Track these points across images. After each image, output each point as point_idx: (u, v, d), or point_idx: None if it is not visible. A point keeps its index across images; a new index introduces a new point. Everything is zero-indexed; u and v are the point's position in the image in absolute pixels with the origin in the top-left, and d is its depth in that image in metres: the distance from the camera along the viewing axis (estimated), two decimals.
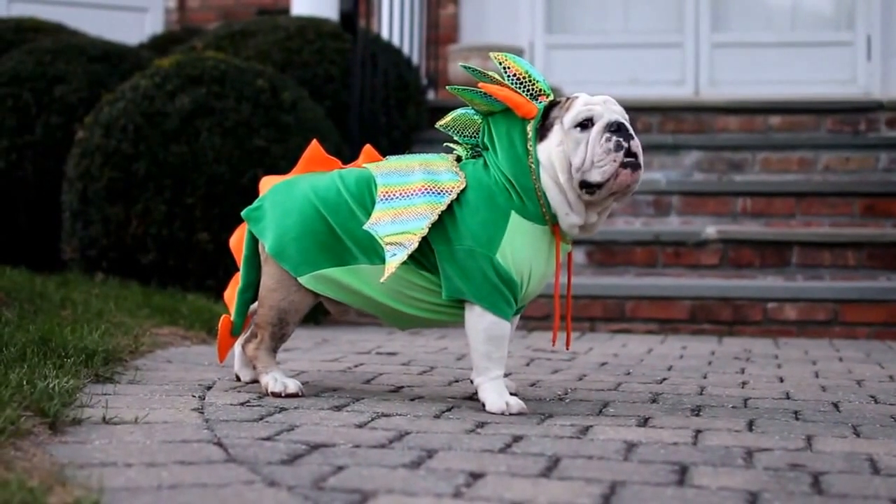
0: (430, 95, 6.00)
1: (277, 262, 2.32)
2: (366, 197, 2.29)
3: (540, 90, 2.27)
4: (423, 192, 2.24)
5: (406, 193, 2.24)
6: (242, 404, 2.22)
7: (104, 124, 4.22)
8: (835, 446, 1.92)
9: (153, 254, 4.07)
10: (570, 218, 2.23)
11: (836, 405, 2.40)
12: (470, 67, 2.28)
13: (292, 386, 2.34)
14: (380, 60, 5.03)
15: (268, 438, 1.87)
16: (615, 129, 2.18)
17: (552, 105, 2.27)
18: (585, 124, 2.19)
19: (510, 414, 2.18)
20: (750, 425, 2.12)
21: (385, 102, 5.16)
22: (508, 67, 2.26)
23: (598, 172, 2.17)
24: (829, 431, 2.07)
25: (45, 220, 4.68)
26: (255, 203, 2.40)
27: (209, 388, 2.42)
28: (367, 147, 2.44)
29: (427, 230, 2.19)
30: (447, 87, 2.38)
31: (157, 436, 1.86)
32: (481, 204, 2.22)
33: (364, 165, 2.37)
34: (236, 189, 4.06)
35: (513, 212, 2.22)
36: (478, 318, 2.21)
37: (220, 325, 2.44)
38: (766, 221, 4.84)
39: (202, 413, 2.10)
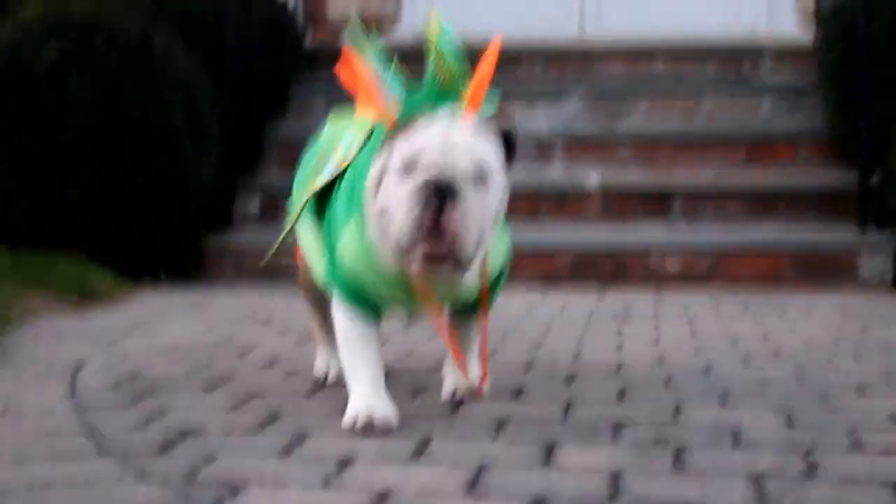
0: (308, 39, 5.83)
1: None
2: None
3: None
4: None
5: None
6: (115, 386, 2.18)
7: None
8: (702, 417, 1.96)
9: (21, 214, 3.90)
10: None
11: (707, 370, 2.44)
12: (355, 36, 1.98)
13: None
14: (255, 2, 4.88)
15: (139, 427, 1.85)
16: (433, 191, 1.69)
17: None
18: (410, 166, 1.74)
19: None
20: (621, 394, 2.16)
21: (263, 46, 5.01)
22: (439, 65, 1.85)
23: (397, 236, 1.75)
24: (697, 400, 2.10)
25: None
26: None
27: (80, 368, 2.36)
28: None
29: (295, 217, 2.08)
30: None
31: (28, 426, 1.82)
32: (344, 190, 1.94)
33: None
34: (107, 145, 3.91)
35: (352, 220, 1.87)
36: (335, 309, 1.95)
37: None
38: (650, 169, 4.86)
39: (73, 398, 2.06)
